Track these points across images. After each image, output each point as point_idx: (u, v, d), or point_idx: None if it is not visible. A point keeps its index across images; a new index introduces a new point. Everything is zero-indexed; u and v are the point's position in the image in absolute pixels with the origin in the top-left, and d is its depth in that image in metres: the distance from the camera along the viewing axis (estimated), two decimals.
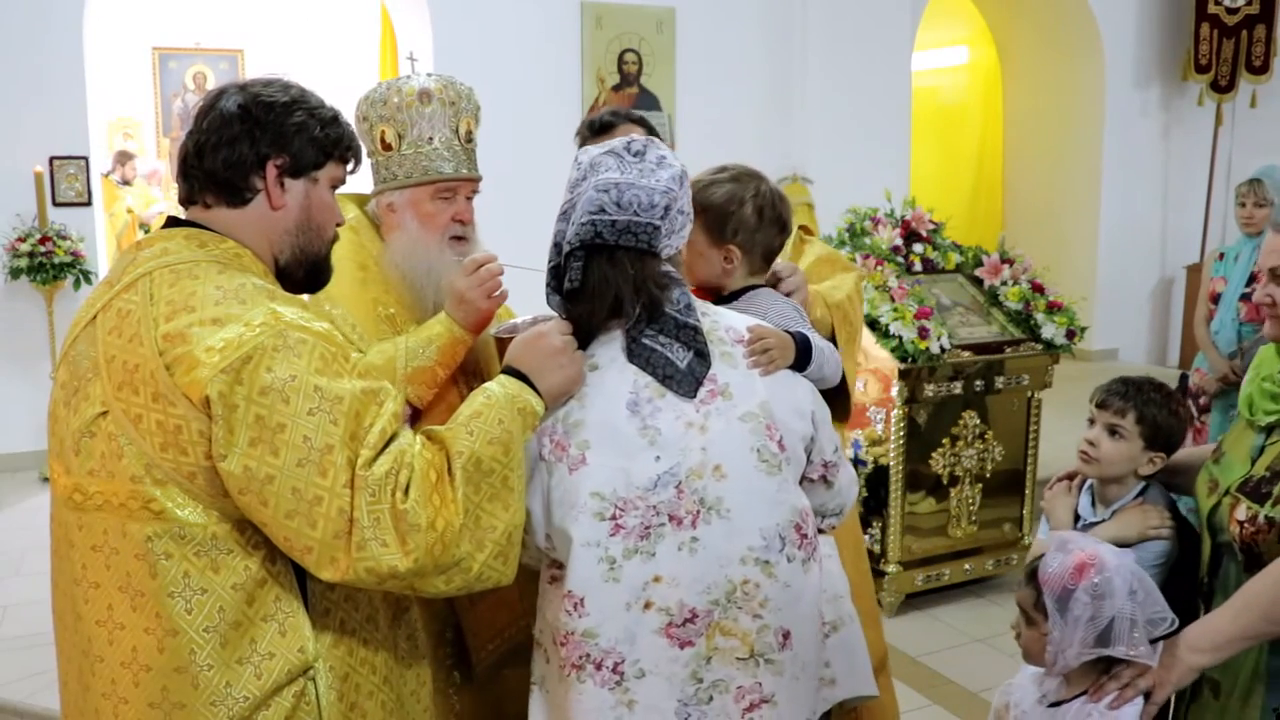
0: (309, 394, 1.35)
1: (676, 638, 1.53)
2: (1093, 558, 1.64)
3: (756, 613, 1.56)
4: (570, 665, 1.53)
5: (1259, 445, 1.80)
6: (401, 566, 1.35)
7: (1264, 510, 1.70)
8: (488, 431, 1.46)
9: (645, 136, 1.65)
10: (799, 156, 7.32)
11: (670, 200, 1.56)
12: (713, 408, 1.56)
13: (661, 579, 1.52)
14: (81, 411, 1.41)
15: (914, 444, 4.08)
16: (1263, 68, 7.98)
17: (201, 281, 1.40)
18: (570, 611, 1.52)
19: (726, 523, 1.54)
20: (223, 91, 1.53)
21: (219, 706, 1.38)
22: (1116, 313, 8.39)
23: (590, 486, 1.52)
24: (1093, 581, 1.62)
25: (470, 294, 1.90)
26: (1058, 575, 1.66)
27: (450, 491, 1.41)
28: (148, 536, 1.37)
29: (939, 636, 3.99)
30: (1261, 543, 1.69)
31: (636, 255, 1.55)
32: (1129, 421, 2.06)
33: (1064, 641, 1.65)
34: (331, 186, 1.60)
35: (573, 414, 1.55)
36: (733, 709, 1.56)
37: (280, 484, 1.33)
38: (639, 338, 1.57)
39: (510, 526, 1.46)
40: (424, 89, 2.01)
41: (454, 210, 2.04)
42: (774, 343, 1.65)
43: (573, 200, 1.58)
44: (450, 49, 6.39)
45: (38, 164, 5.79)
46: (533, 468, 1.56)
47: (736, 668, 1.56)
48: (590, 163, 1.59)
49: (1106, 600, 1.61)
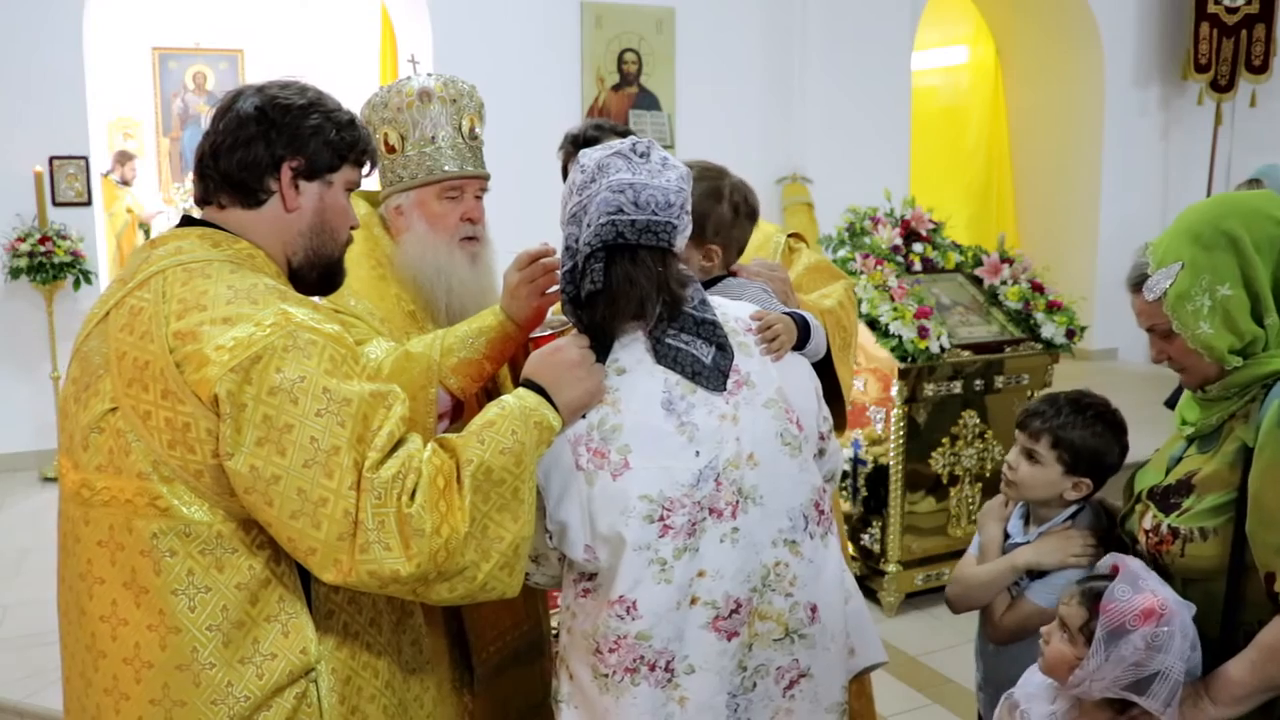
0: (318, 395, 1.35)
1: (724, 630, 1.55)
2: (1163, 606, 1.56)
3: (788, 592, 1.59)
4: (624, 670, 1.53)
5: (1176, 455, 1.77)
6: (404, 571, 1.35)
7: (1167, 520, 1.68)
8: (499, 441, 1.45)
9: (645, 140, 1.66)
10: (799, 156, 7.32)
11: (683, 200, 1.59)
12: (740, 398, 1.60)
13: (706, 573, 1.54)
14: (91, 407, 1.41)
15: (914, 443, 4.08)
16: (1262, 67, 7.99)
17: (214, 280, 1.41)
18: (623, 616, 1.53)
19: (761, 509, 1.58)
20: (240, 93, 1.54)
21: (220, 705, 1.39)
22: (1116, 312, 8.33)
23: (639, 490, 1.52)
24: (1155, 630, 1.54)
25: (521, 289, 1.85)
26: (1121, 611, 1.57)
27: (458, 499, 1.40)
28: (153, 533, 1.38)
29: (939, 636, 3.99)
30: (1165, 553, 1.67)
31: (659, 254, 1.57)
32: (1043, 446, 1.98)
33: (1098, 674, 1.57)
34: (346, 189, 1.60)
35: (608, 420, 1.54)
36: (774, 691, 1.60)
37: (286, 484, 1.33)
38: (662, 338, 1.58)
39: (518, 538, 1.46)
40: (424, 88, 2.01)
41: (462, 209, 2.03)
42: (781, 328, 1.69)
43: (582, 203, 1.57)
44: (450, 49, 6.39)
45: (38, 164, 5.78)
46: (567, 480, 1.55)
47: (775, 649, 1.59)
48: (597, 165, 1.58)
49: (1161, 654, 1.54)
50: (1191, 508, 1.66)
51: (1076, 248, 8.39)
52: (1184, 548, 1.65)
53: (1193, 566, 1.65)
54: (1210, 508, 1.63)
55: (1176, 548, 1.66)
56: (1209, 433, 1.71)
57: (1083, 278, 8.03)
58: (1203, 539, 1.63)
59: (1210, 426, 1.70)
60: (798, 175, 7.29)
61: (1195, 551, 1.64)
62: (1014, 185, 9.11)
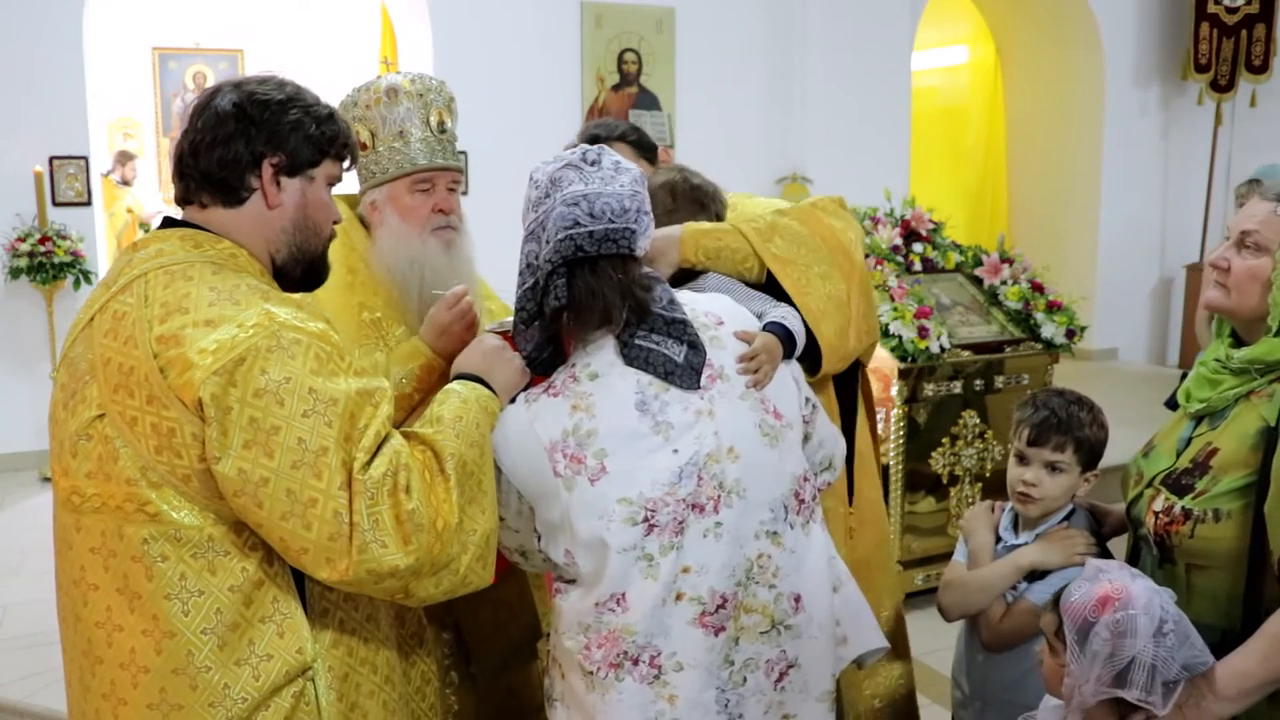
0: (304, 396, 1.35)
1: (711, 625, 1.55)
2: (1119, 592, 1.52)
3: (771, 583, 1.60)
4: (609, 665, 1.53)
5: (1185, 437, 1.75)
6: (402, 564, 1.36)
7: (1181, 502, 1.66)
8: (469, 434, 1.48)
9: (597, 145, 1.67)
10: (799, 156, 7.32)
11: (638, 203, 1.59)
12: (715, 391, 1.60)
13: (690, 569, 1.54)
14: (79, 414, 1.41)
15: (914, 443, 4.08)
16: (1262, 67, 7.98)
17: (195, 283, 1.40)
18: (614, 609, 1.53)
19: (744, 502, 1.58)
20: (217, 90, 1.52)
21: (218, 708, 1.38)
22: (1116, 312, 8.38)
23: (617, 494, 1.52)
24: (1114, 617, 1.50)
25: (456, 326, 1.91)
26: (1080, 605, 1.54)
27: (445, 491, 1.42)
28: (144, 539, 1.37)
29: (939, 636, 3.98)
30: (1173, 534, 1.65)
31: (619, 261, 1.58)
32: (1068, 455, 1.97)
33: (1081, 676, 1.53)
34: (328, 184, 1.60)
35: (582, 425, 1.54)
36: (765, 684, 1.60)
37: (275, 486, 1.33)
38: (631, 341, 1.58)
39: (487, 530, 1.48)
40: (391, 85, 2.03)
41: (434, 201, 2.04)
42: (764, 358, 1.67)
43: (539, 219, 1.59)
44: (450, 49, 6.39)
45: (38, 164, 5.78)
46: (546, 488, 1.55)
47: (762, 642, 1.59)
48: (550, 179, 1.60)
49: (1128, 639, 1.49)
50: (1207, 489, 1.64)
51: (1076, 248, 8.39)
52: (1194, 529, 1.63)
53: (1202, 549, 1.63)
54: (1227, 490, 1.61)
55: (1186, 529, 1.64)
56: (1220, 409, 1.69)
57: (1083, 278, 8.02)
58: (1215, 521, 1.61)
59: (1226, 400, 1.68)
60: (798, 175, 7.29)
61: (1206, 533, 1.62)
62: (1008, 186, 9.11)
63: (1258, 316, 1.66)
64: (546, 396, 1.59)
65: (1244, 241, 1.67)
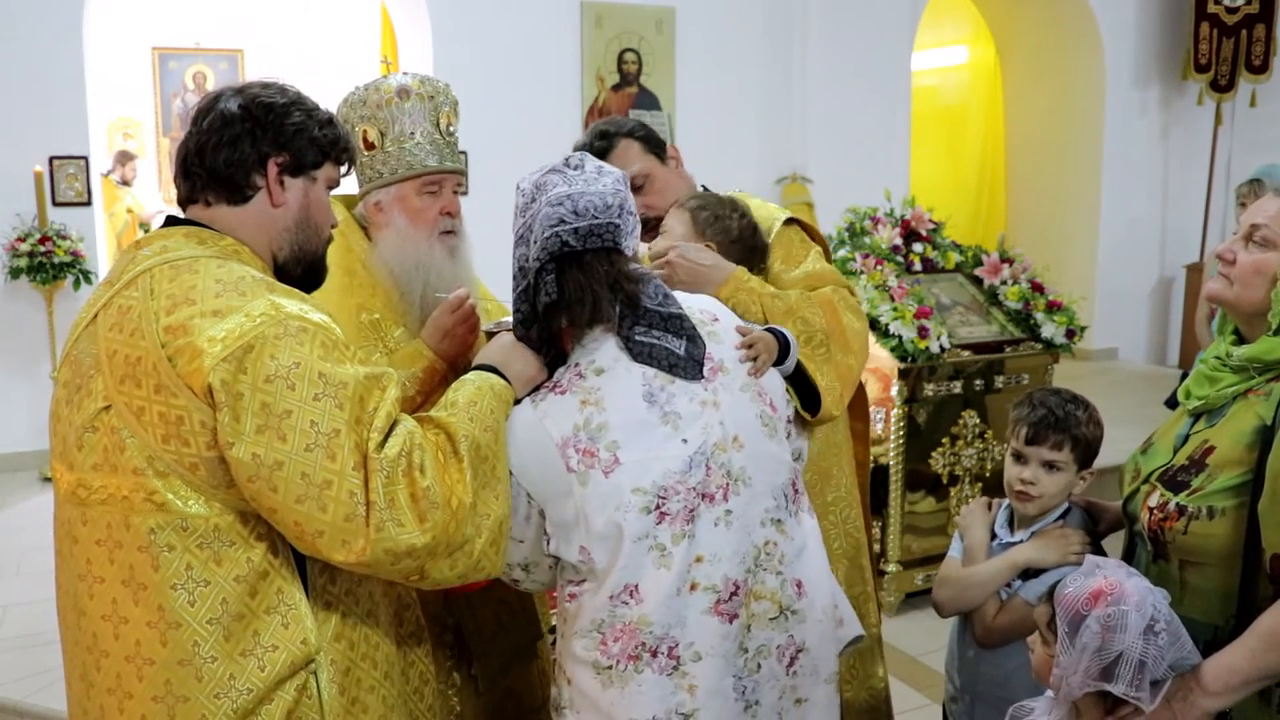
0: (314, 380, 1.37)
1: (725, 613, 1.58)
2: (1113, 587, 1.54)
3: (778, 570, 1.64)
4: (627, 658, 1.55)
5: (1183, 434, 1.76)
6: (419, 543, 1.38)
7: (1176, 498, 1.67)
8: (484, 419, 1.51)
9: (580, 152, 1.72)
10: (799, 156, 7.32)
11: (622, 200, 1.64)
12: (718, 383, 1.64)
13: (703, 558, 1.57)
14: (84, 407, 1.42)
15: (914, 443, 4.09)
16: (1262, 67, 7.99)
17: (201, 275, 1.42)
18: (627, 601, 1.55)
19: (750, 490, 1.62)
20: (221, 94, 1.57)
21: (223, 699, 1.39)
22: (1116, 312, 8.39)
23: (632, 483, 1.54)
24: (1106, 611, 1.52)
25: (458, 329, 1.95)
26: (1073, 597, 1.56)
27: (458, 472, 1.45)
28: (150, 529, 1.38)
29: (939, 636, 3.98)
30: (1168, 530, 1.66)
31: (604, 255, 1.61)
32: (1065, 453, 1.99)
33: (1070, 668, 1.55)
34: (328, 187, 1.64)
35: (593, 419, 1.57)
36: (779, 670, 1.63)
37: (289, 469, 1.35)
38: (633, 337, 1.61)
39: (501, 516, 1.51)
40: (402, 86, 2.04)
41: (441, 203, 2.05)
42: (761, 346, 1.73)
43: (527, 223, 1.64)
44: (450, 49, 6.40)
45: (38, 164, 5.78)
46: (559, 486, 1.57)
47: (772, 628, 1.62)
48: (535, 185, 1.65)
49: (1117, 634, 1.51)
50: (1202, 487, 1.65)
51: (1076, 248, 8.40)
52: (1188, 525, 1.64)
53: (1195, 546, 1.64)
54: (1222, 488, 1.62)
55: (1181, 525, 1.64)
56: (1218, 407, 1.70)
57: (1083, 278, 8.03)
58: (1209, 518, 1.62)
59: (1224, 398, 1.69)
60: (798, 175, 7.29)
61: (1200, 530, 1.63)
62: (1007, 186, 9.12)
63: (1259, 312, 1.67)
64: (554, 395, 1.61)
65: (1252, 235, 1.68)
